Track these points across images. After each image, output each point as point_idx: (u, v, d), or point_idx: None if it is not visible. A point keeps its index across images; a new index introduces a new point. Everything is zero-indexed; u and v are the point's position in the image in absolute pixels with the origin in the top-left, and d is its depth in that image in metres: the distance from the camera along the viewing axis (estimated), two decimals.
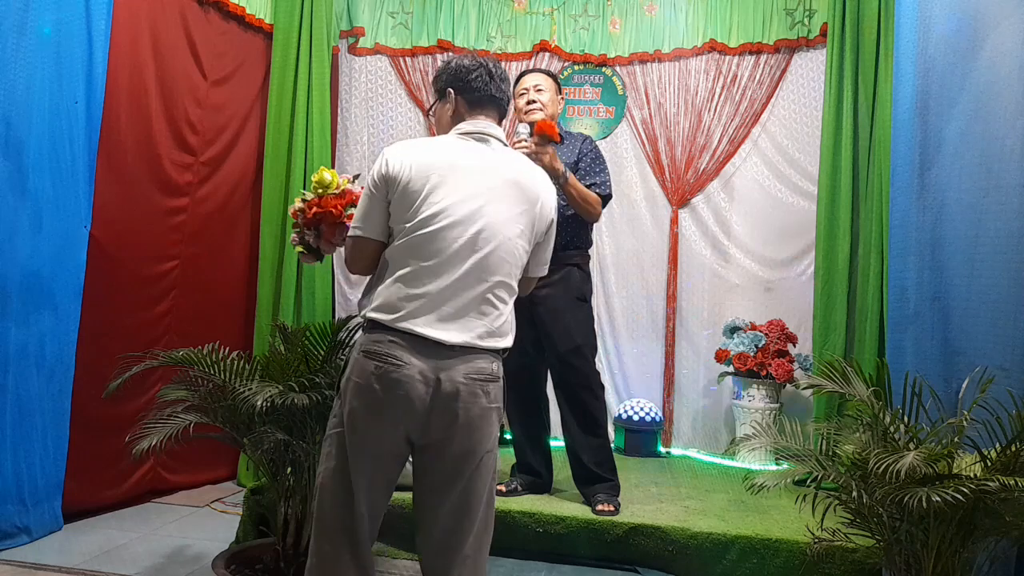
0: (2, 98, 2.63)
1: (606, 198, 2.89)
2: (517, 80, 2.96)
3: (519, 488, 2.87)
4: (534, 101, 2.86)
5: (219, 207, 3.74)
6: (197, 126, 3.58)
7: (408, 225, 1.66)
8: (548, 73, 3.04)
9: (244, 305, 3.88)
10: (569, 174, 2.72)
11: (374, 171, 1.71)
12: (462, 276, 1.64)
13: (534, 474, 2.93)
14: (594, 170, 2.88)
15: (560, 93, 3.00)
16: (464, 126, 1.80)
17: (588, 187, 2.81)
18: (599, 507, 2.65)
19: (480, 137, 1.78)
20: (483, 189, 1.70)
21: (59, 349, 2.88)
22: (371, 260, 1.75)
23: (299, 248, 2.16)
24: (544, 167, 2.55)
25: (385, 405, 1.61)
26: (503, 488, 2.78)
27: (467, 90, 1.82)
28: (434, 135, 1.90)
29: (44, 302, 2.82)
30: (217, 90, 3.68)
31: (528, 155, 2.58)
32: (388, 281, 1.66)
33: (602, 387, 2.88)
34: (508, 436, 3.94)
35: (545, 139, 2.65)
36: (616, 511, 2.64)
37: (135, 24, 3.18)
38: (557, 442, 3.02)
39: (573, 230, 2.83)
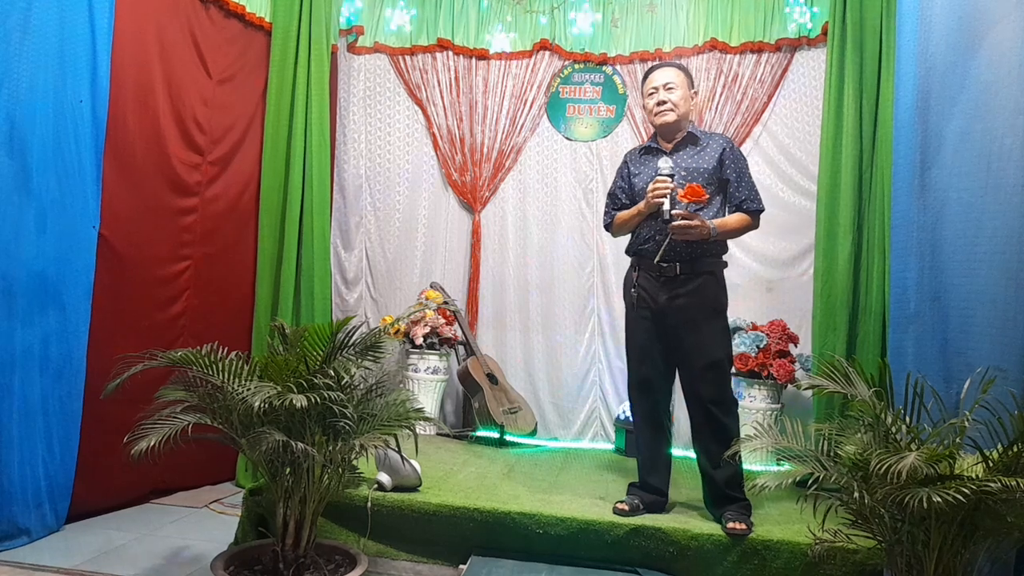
0: (6, 97, 2.60)
1: (758, 213, 2.70)
2: (645, 77, 2.81)
3: (640, 506, 2.67)
4: (664, 102, 2.70)
5: (229, 207, 3.72)
6: (204, 125, 3.56)
7: None
8: (679, 67, 2.80)
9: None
10: (715, 224, 2.57)
11: None
12: None
13: (656, 493, 2.75)
14: (741, 183, 2.69)
15: (693, 88, 2.81)
16: None
17: (737, 206, 2.67)
18: (730, 525, 2.50)
19: None
20: None
21: (68, 350, 2.86)
22: None
23: None
24: (692, 238, 2.55)
25: None
26: (625, 507, 2.64)
27: None
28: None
29: (50, 303, 2.79)
30: (222, 89, 3.66)
31: (674, 229, 2.50)
32: None
33: (736, 403, 2.71)
34: (506, 435, 3.90)
35: (695, 205, 2.54)
36: (748, 530, 2.49)
37: (138, 21, 3.15)
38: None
39: None
